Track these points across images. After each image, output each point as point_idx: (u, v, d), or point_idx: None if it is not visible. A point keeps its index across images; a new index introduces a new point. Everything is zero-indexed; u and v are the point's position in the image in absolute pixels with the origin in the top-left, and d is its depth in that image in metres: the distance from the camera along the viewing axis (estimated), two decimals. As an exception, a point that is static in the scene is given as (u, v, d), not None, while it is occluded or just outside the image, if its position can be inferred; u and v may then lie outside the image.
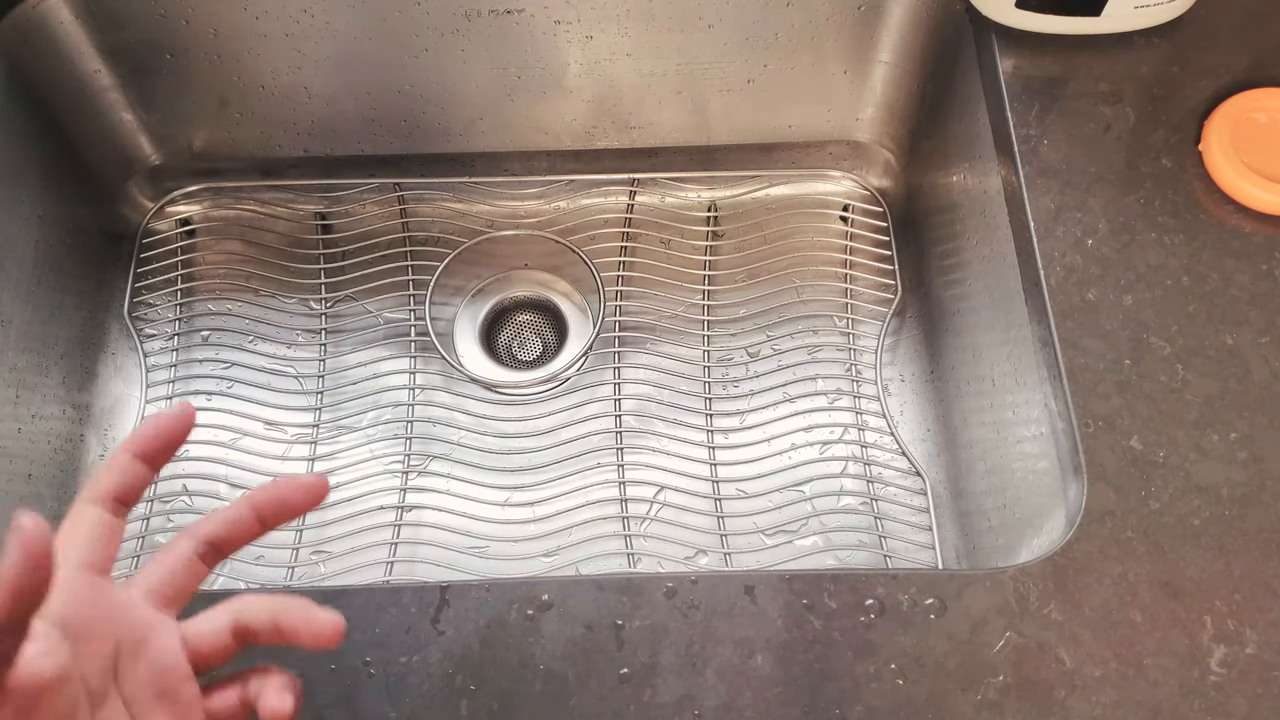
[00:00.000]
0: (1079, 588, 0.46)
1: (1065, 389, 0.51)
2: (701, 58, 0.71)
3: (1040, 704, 0.44)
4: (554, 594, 0.47)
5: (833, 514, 0.69)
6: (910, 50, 0.70)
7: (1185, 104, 0.59)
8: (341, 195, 0.78)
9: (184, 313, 0.75)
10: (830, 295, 0.76)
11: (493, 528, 0.69)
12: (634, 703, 0.44)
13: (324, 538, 0.68)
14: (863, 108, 0.76)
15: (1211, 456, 0.49)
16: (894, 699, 0.44)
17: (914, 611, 0.46)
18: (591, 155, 0.78)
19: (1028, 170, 0.57)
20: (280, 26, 0.68)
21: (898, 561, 0.67)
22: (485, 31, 0.68)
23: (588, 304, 0.76)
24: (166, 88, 0.72)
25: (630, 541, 0.68)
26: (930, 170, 0.73)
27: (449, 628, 0.46)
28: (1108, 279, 0.54)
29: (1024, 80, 0.60)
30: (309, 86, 0.72)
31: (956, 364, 0.69)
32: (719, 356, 0.74)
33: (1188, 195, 0.56)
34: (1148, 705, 0.44)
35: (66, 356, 0.71)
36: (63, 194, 0.71)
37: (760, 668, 0.45)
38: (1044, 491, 0.54)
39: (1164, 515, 0.48)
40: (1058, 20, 0.60)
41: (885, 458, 0.71)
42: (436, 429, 0.72)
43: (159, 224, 0.78)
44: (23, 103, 0.67)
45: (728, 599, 0.46)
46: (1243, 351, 0.52)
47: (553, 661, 0.45)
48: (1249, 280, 0.54)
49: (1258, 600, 0.46)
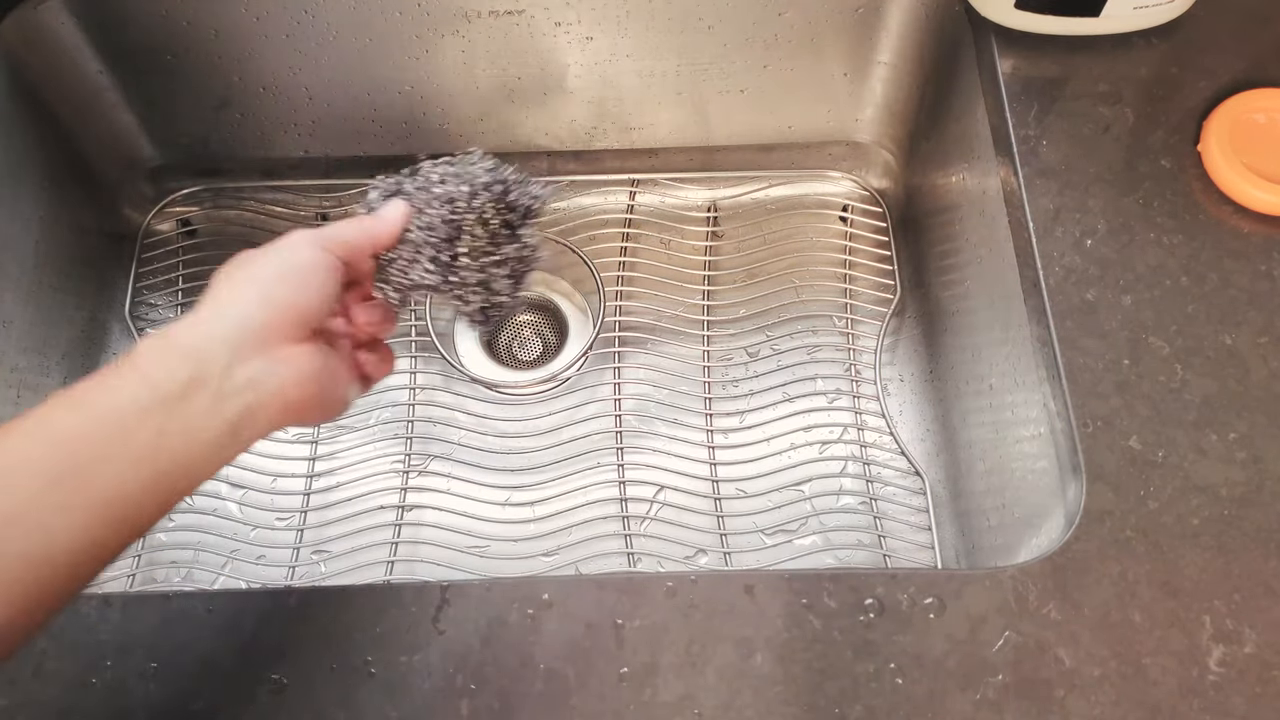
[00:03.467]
0: (1078, 587, 0.46)
1: (1064, 389, 0.51)
2: (701, 58, 0.71)
3: (1039, 703, 0.44)
4: (554, 593, 0.47)
5: (832, 514, 0.69)
6: (909, 51, 0.70)
7: (1184, 104, 0.59)
8: (342, 195, 0.78)
9: (185, 313, 0.75)
10: (829, 295, 0.76)
11: (493, 527, 0.69)
12: (634, 702, 0.44)
13: (324, 537, 0.68)
14: (862, 108, 0.76)
15: (1210, 456, 0.49)
16: (893, 698, 0.44)
17: (913, 611, 0.46)
18: (592, 156, 0.79)
19: (1027, 171, 0.57)
20: (281, 27, 0.68)
21: (897, 561, 0.67)
22: (485, 32, 0.69)
23: (588, 304, 0.76)
24: (167, 88, 0.72)
25: (630, 541, 0.68)
26: (929, 171, 0.73)
27: (449, 627, 0.46)
28: (1107, 279, 0.54)
29: (1023, 81, 0.60)
30: (309, 87, 0.72)
31: (956, 364, 0.69)
32: (719, 356, 0.74)
33: (1187, 196, 0.56)
34: (1147, 705, 0.44)
35: (68, 357, 0.71)
36: (64, 194, 0.71)
37: (760, 667, 0.45)
38: (1043, 491, 0.54)
39: (1163, 515, 0.48)
40: (1057, 21, 0.60)
41: (884, 457, 0.71)
42: (437, 429, 0.72)
43: (160, 224, 0.78)
44: (24, 103, 0.67)
45: (728, 598, 0.47)
46: (1241, 351, 0.52)
47: (553, 661, 0.45)
48: (1248, 280, 0.54)
49: (1257, 600, 0.46)
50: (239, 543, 0.68)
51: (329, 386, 0.42)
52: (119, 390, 0.36)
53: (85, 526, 0.35)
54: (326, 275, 0.42)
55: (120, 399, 0.36)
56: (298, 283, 0.41)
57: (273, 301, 0.40)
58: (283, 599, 0.47)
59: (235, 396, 0.38)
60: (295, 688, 0.44)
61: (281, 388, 0.39)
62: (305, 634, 0.46)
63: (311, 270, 0.41)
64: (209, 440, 0.37)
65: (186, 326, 0.39)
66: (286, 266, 0.41)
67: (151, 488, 0.36)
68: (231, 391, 0.37)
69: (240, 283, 0.40)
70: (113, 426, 0.35)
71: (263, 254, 0.41)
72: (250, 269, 0.41)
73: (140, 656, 0.45)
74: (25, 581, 0.33)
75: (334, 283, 0.42)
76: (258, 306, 0.39)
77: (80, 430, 0.35)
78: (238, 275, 0.41)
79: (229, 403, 0.37)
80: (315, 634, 0.46)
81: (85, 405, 0.36)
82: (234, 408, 0.38)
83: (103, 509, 0.35)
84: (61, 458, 0.34)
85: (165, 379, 0.36)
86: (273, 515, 0.69)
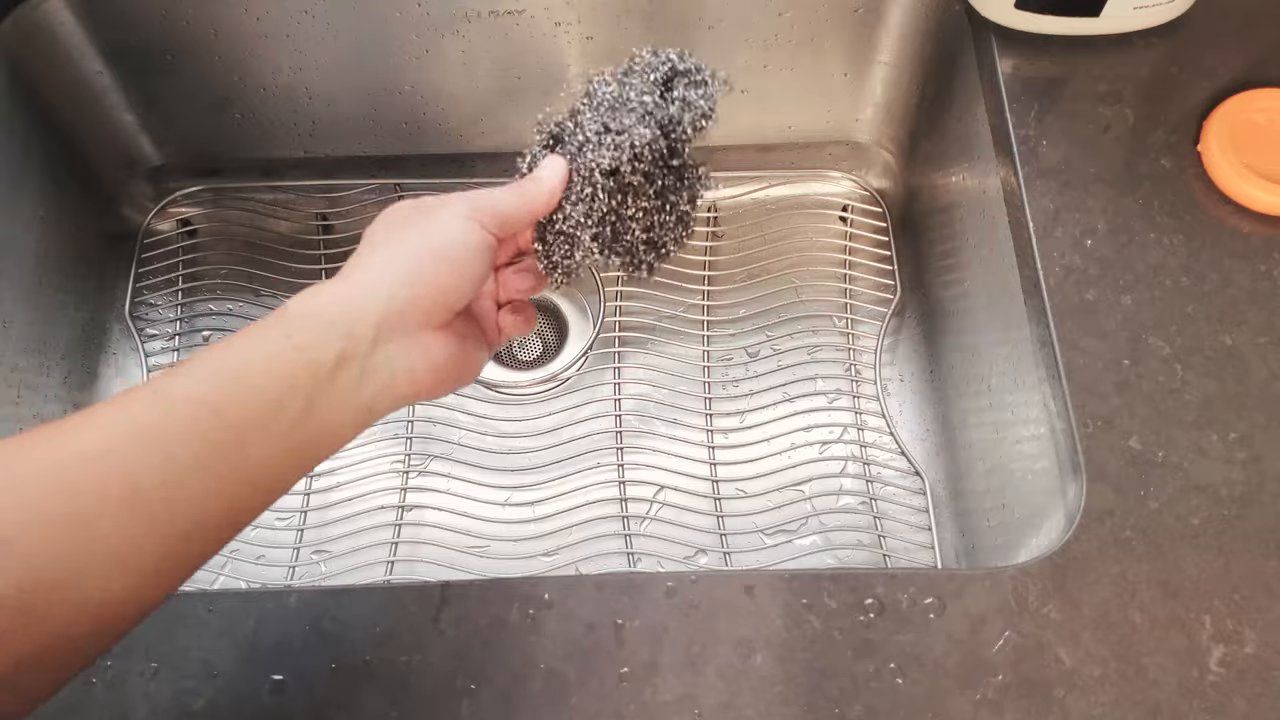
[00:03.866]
0: (1078, 587, 0.46)
1: (1064, 389, 0.51)
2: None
3: (1039, 703, 0.44)
4: (554, 593, 0.47)
5: (832, 514, 0.69)
6: (909, 51, 0.70)
7: (1184, 104, 0.59)
8: (342, 196, 0.78)
9: (185, 313, 0.75)
10: (829, 295, 0.76)
11: (493, 527, 0.69)
12: (634, 702, 0.44)
13: (325, 537, 0.68)
14: (862, 108, 0.76)
15: (1210, 456, 0.49)
16: (893, 698, 0.44)
17: (913, 611, 0.46)
18: (592, 156, 0.78)
19: (1027, 171, 0.57)
20: (281, 27, 0.68)
21: (897, 561, 0.67)
22: (485, 32, 0.69)
23: (588, 304, 0.76)
24: (167, 88, 0.72)
25: (630, 541, 0.68)
26: (929, 171, 0.73)
27: (449, 627, 0.46)
28: (1107, 279, 0.54)
29: (1023, 81, 0.60)
30: (309, 87, 0.72)
31: (956, 364, 0.69)
32: (719, 356, 0.74)
33: (1187, 196, 0.56)
34: (1147, 705, 0.44)
35: (68, 357, 0.71)
36: (64, 194, 0.71)
37: (760, 667, 0.45)
38: (1043, 491, 0.54)
39: (1163, 515, 0.48)
40: (1057, 21, 0.60)
41: (884, 457, 0.71)
42: (437, 429, 0.72)
43: (160, 224, 0.78)
44: (24, 103, 0.67)
45: (727, 598, 0.47)
46: (1241, 351, 0.52)
47: (553, 661, 0.45)
48: (1248, 280, 0.54)
49: (1257, 600, 0.46)
50: (239, 542, 0.68)
51: (459, 369, 0.42)
52: (274, 360, 0.36)
53: (234, 496, 0.35)
54: (480, 257, 0.40)
55: (274, 369, 0.36)
56: (450, 265, 0.39)
57: (422, 281, 0.39)
58: (283, 599, 0.47)
59: (374, 375, 0.38)
60: (295, 688, 0.44)
61: (412, 370, 0.39)
62: (305, 634, 0.46)
63: (466, 252, 0.40)
64: (348, 416, 0.37)
65: (335, 298, 0.38)
66: (442, 243, 0.40)
67: (295, 460, 0.36)
68: (372, 370, 0.37)
69: (394, 253, 0.39)
70: (268, 400, 0.35)
71: (420, 218, 0.40)
72: (405, 236, 0.40)
73: (140, 656, 0.45)
74: (174, 543, 0.34)
75: (487, 264, 0.41)
76: (405, 285, 0.38)
77: (237, 399, 0.35)
78: (392, 241, 0.40)
79: (369, 380, 0.37)
80: (315, 634, 0.46)
81: (242, 372, 0.35)
82: (372, 386, 0.38)
83: (250, 480, 0.35)
84: (221, 429, 0.34)
85: (317, 353, 0.36)
86: (272, 515, 0.69)
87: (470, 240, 0.40)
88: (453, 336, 0.41)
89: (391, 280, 0.38)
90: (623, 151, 0.43)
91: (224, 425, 0.34)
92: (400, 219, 0.41)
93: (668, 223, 0.46)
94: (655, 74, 0.45)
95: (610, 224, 0.44)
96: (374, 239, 0.40)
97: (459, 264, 0.40)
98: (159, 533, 0.33)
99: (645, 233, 0.45)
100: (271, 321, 0.37)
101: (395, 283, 0.38)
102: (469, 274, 0.40)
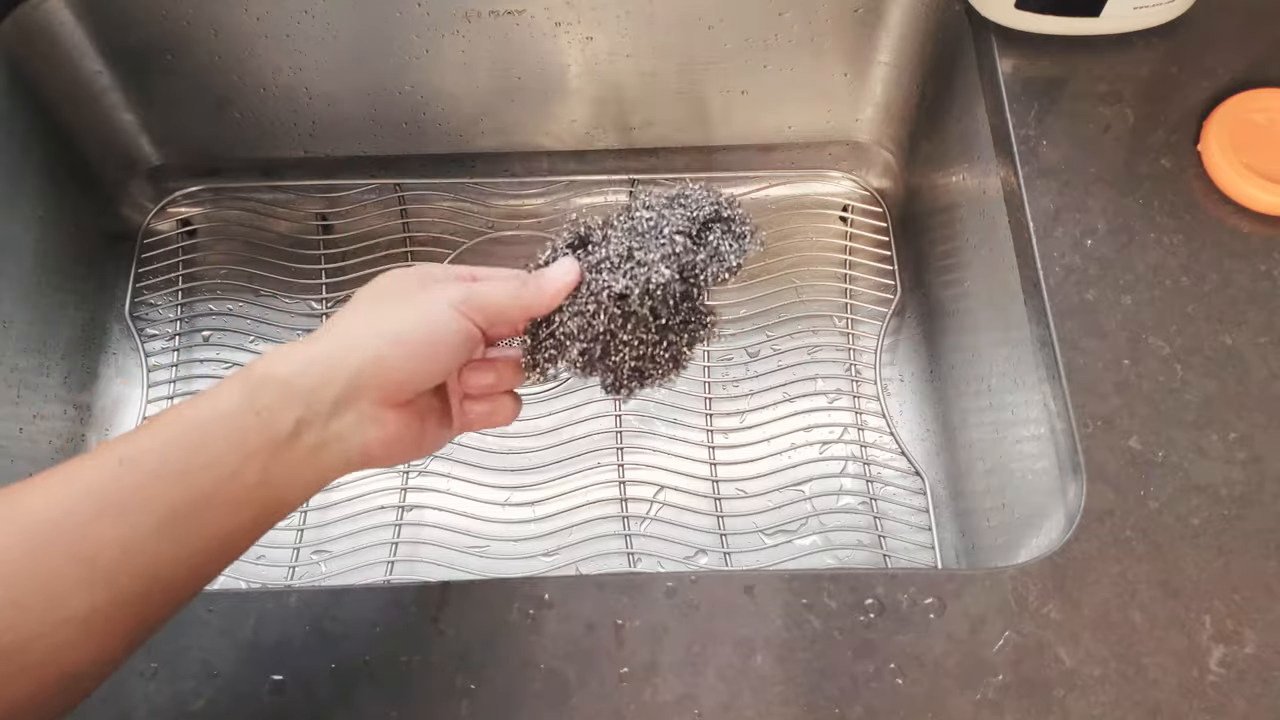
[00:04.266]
0: (1078, 587, 0.46)
1: (1064, 389, 0.51)
2: (701, 58, 0.71)
3: (1039, 703, 0.44)
4: (554, 593, 0.47)
5: (832, 514, 0.69)
6: (909, 51, 0.70)
7: (1184, 104, 0.59)
8: (342, 196, 0.78)
9: (185, 313, 0.75)
10: (830, 295, 0.76)
11: (493, 527, 0.69)
12: (634, 702, 0.44)
13: (325, 537, 0.68)
14: (862, 108, 0.76)
15: (1210, 456, 0.49)
16: (893, 698, 0.44)
17: (913, 611, 0.46)
18: (592, 156, 0.79)
19: (1027, 171, 0.57)
20: (281, 27, 0.68)
21: (897, 561, 0.67)
22: (486, 32, 0.69)
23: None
24: (167, 88, 0.72)
25: (630, 541, 0.68)
26: (929, 171, 0.73)
27: (449, 627, 0.46)
28: (1107, 279, 0.54)
29: (1023, 81, 0.60)
30: (309, 87, 0.72)
31: (956, 364, 0.69)
32: (719, 356, 0.74)
33: (1187, 196, 0.56)
34: (1147, 705, 0.44)
35: (67, 357, 0.71)
36: (64, 194, 0.71)
37: (760, 667, 0.45)
38: (1043, 491, 0.54)
39: (1163, 515, 0.48)
40: (1057, 21, 0.60)
41: (885, 457, 0.71)
42: (437, 429, 0.72)
43: (160, 224, 0.78)
44: (24, 103, 0.67)
45: (727, 598, 0.47)
46: (1241, 351, 0.52)
47: (553, 660, 0.45)
48: (1248, 280, 0.54)
49: (1257, 600, 0.46)
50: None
51: (414, 445, 0.42)
52: (235, 426, 0.37)
53: (191, 557, 0.36)
54: (458, 350, 0.41)
55: (233, 435, 0.36)
56: (427, 350, 0.40)
57: (392, 362, 0.39)
58: (283, 599, 0.47)
59: (331, 444, 0.38)
60: (295, 688, 0.44)
61: (365, 444, 0.39)
62: (305, 634, 0.46)
63: (446, 343, 0.40)
64: (303, 482, 0.38)
65: (303, 363, 0.38)
66: (424, 330, 0.40)
67: (250, 524, 0.37)
68: (331, 438, 0.38)
69: (373, 328, 0.39)
70: (226, 467, 0.36)
71: (412, 296, 0.40)
72: (391, 313, 0.40)
73: (140, 656, 0.45)
74: (135, 606, 0.35)
75: (464, 355, 0.41)
76: (375, 362, 0.39)
77: (195, 464, 0.36)
78: (377, 314, 0.40)
79: (324, 450, 0.38)
80: (315, 634, 0.46)
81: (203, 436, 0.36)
82: (327, 455, 0.38)
83: (207, 544, 0.36)
84: (179, 493, 0.35)
85: (275, 417, 0.37)
86: (273, 515, 0.69)
87: (452, 331, 0.40)
88: (413, 414, 0.41)
89: (362, 356, 0.39)
90: (638, 283, 0.43)
91: (181, 491, 0.35)
92: (396, 290, 0.41)
93: (660, 358, 0.46)
94: (699, 212, 0.45)
95: (603, 343, 0.44)
96: (362, 302, 0.41)
97: (435, 350, 0.40)
98: (120, 596, 0.34)
99: (635, 361, 0.45)
100: (235, 382, 0.38)
101: (365, 359, 0.39)
102: (442, 362, 0.40)
